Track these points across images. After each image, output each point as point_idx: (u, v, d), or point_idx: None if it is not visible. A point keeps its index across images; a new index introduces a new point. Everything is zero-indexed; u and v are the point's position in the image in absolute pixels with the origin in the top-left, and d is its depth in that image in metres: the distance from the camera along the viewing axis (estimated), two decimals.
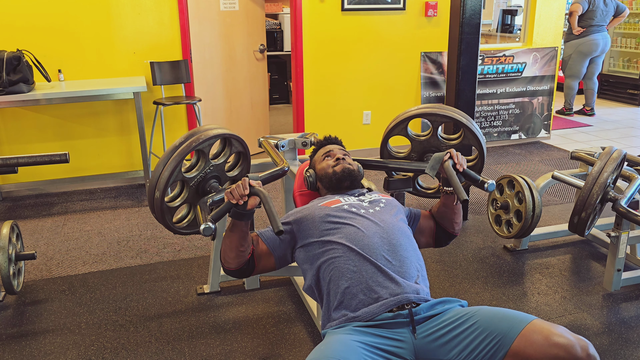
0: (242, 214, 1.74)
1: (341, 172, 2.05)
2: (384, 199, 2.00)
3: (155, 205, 2.10)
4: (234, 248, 1.79)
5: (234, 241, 1.78)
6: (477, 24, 3.44)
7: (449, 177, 1.93)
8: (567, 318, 2.63)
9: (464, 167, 1.97)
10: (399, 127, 2.49)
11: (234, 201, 1.72)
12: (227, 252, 1.81)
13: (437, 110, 2.45)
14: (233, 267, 1.83)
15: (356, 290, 1.69)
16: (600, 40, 6.44)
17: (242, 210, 1.74)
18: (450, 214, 2.04)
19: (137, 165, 4.53)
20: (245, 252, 1.82)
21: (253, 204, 1.75)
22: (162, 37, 4.36)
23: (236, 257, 1.81)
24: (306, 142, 2.72)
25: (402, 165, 2.47)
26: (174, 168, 2.05)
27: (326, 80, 4.91)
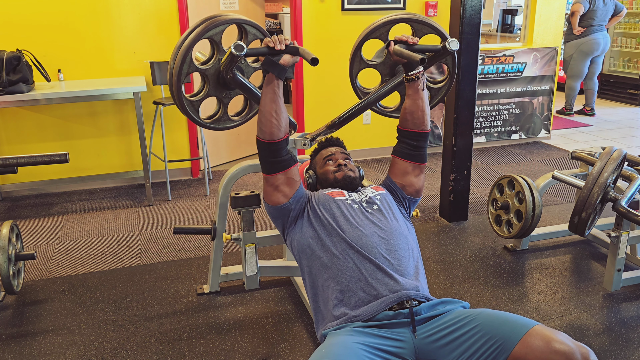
0: (275, 64, 1.76)
1: (342, 179, 2.05)
2: (379, 194, 1.99)
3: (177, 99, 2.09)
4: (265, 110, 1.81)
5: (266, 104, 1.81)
6: (477, 24, 3.44)
7: (399, 54, 1.90)
8: (567, 318, 2.62)
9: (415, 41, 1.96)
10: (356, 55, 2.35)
11: (271, 44, 1.76)
12: (260, 116, 1.84)
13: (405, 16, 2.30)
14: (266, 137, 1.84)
15: (356, 287, 1.69)
16: (601, 39, 6.46)
17: (276, 60, 1.76)
18: (418, 104, 1.98)
19: (137, 165, 4.53)
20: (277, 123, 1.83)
21: (287, 60, 1.78)
22: (162, 37, 4.36)
23: (266, 122, 1.82)
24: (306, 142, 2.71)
25: (380, 92, 2.34)
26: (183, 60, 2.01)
27: (326, 80, 4.90)
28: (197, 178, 4.76)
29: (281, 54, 1.78)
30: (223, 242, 2.70)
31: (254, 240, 2.46)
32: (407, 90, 1.99)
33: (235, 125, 2.35)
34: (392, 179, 2.07)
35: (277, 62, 1.76)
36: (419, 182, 2.05)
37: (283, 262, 2.95)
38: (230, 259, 3.22)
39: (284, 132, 1.85)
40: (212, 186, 4.49)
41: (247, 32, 2.16)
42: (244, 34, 2.17)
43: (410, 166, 2.04)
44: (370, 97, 2.36)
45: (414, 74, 1.95)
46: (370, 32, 2.31)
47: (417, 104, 1.98)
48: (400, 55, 1.89)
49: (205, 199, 4.23)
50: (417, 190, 2.06)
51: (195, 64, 2.08)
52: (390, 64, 2.35)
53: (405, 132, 2.03)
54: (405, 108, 2.01)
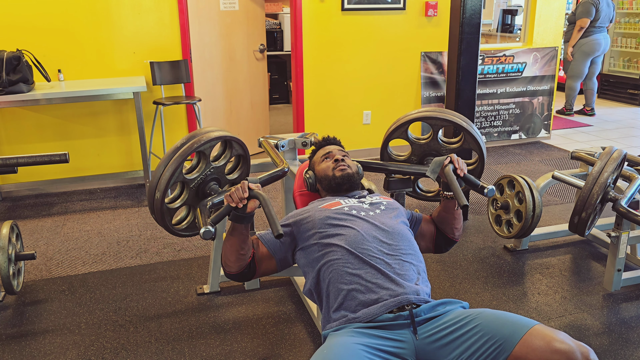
0: (242, 217, 1.74)
1: (340, 177, 2.05)
2: (385, 201, 1.99)
3: (155, 206, 2.10)
4: (234, 252, 1.79)
5: (234, 245, 1.78)
6: (477, 23, 3.44)
7: (449, 181, 1.93)
8: (567, 318, 2.62)
9: (465, 172, 1.97)
10: (399, 130, 2.48)
11: (233, 204, 1.72)
12: (228, 255, 1.81)
13: (437, 114, 2.45)
14: (234, 270, 1.82)
15: (356, 292, 1.69)
16: (602, 40, 6.50)
17: (241, 214, 1.73)
18: (450, 219, 2.04)
19: (137, 165, 4.53)
20: (246, 256, 1.82)
21: (252, 207, 1.75)
22: (162, 37, 4.36)
23: (237, 260, 1.80)
24: (306, 142, 2.72)
25: (403, 168, 2.46)
26: (175, 169, 2.05)
27: (326, 80, 4.90)
28: None
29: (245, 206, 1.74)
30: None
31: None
32: (443, 202, 2.04)
33: None
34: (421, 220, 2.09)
35: (242, 214, 1.74)
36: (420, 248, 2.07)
37: None
38: None
39: (250, 256, 1.84)
40: None
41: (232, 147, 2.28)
42: (228, 147, 2.28)
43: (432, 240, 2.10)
44: (391, 165, 2.49)
45: (450, 195, 1.99)
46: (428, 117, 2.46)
47: (449, 218, 2.05)
48: (451, 183, 1.92)
49: None
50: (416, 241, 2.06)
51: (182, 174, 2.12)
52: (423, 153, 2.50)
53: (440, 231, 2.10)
54: (439, 214, 2.07)
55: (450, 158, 1.98)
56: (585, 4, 6.34)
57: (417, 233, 2.06)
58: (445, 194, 2.00)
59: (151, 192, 2.10)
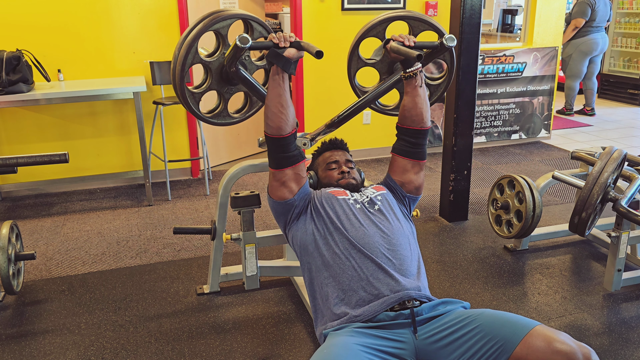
0: (280, 56, 1.78)
1: (345, 187, 2.06)
2: (379, 194, 1.99)
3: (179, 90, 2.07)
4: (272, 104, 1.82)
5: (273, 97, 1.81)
6: (477, 23, 3.44)
7: (397, 50, 1.91)
8: (567, 318, 2.62)
9: (414, 40, 1.96)
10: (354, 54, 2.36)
11: (276, 40, 1.78)
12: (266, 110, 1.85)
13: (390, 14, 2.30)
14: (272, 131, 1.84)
15: (357, 286, 1.69)
16: (599, 39, 6.52)
17: (280, 52, 1.78)
18: (416, 102, 1.98)
19: (137, 165, 4.52)
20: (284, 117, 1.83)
21: (291, 54, 1.80)
22: (162, 37, 4.35)
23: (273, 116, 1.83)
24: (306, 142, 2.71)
25: (380, 89, 2.33)
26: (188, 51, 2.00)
27: (326, 80, 4.90)
28: (197, 178, 4.76)
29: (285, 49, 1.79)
30: (223, 242, 2.70)
31: (254, 240, 2.46)
32: (406, 88, 2.00)
33: (235, 122, 2.35)
34: (392, 177, 2.07)
35: (281, 54, 1.77)
36: (419, 180, 2.05)
37: (283, 262, 2.95)
38: (230, 259, 3.22)
39: (291, 126, 1.85)
40: (212, 186, 4.49)
41: (253, 29, 2.17)
42: (249, 31, 2.18)
43: (410, 163, 2.04)
44: (368, 95, 2.35)
45: (411, 70, 1.95)
46: (367, 30, 2.32)
47: (415, 101, 1.99)
48: (398, 52, 1.90)
49: (205, 199, 4.22)
50: (416, 188, 2.06)
51: (199, 55, 2.09)
52: (388, 62, 2.35)
53: (404, 130, 2.03)
54: (404, 105, 2.01)
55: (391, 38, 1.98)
56: (581, 4, 6.37)
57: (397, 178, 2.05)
58: (406, 73, 1.97)
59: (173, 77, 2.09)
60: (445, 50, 2.01)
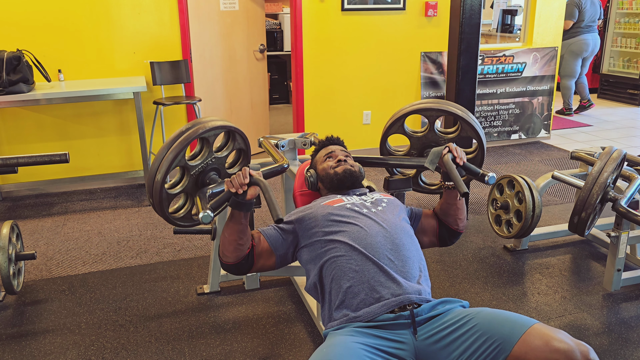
0: (242, 204, 1.73)
1: (342, 172, 2.05)
2: (386, 198, 2.00)
3: (154, 189, 2.07)
4: (232, 241, 1.78)
5: (232, 233, 1.77)
6: (477, 24, 3.44)
7: (448, 170, 1.92)
8: (567, 318, 2.63)
9: (464, 160, 1.97)
10: (397, 125, 2.48)
11: (233, 190, 1.71)
12: (226, 244, 1.80)
13: (433, 105, 2.44)
14: (231, 261, 1.81)
15: (358, 289, 1.69)
16: (590, 40, 6.60)
17: (241, 200, 1.72)
18: (453, 210, 2.03)
19: (137, 165, 4.53)
20: (244, 247, 1.80)
21: (253, 194, 1.74)
22: (162, 37, 4.36)
23: (234, 250, 1.79)
24: (306, 142, 2.71)
25: (402, 162, 2.44)
26: (179, 152, 2.02)
27: (326, 80, 4.90)
28: None
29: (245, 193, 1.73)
30: None
31: None
32: (445, 194, 2.02)
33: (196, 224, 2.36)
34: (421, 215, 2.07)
35: (242, 201, 1.73)
36: (424, 243, 2.07)
37: None
38: None
39: (248, 247, 1.82)
40: None
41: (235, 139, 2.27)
42: (231, 139, 2.27)
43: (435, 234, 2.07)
44: (390, 159, 2.47)
45: (451, 184, 1.97)
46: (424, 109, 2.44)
47: (451, 209, 2.03)
48: (450, 172, 1.91)
49: None
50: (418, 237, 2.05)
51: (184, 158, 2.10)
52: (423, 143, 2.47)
53: (442, 223, 2.07)
54: (441, 207, 2.06)
55: (448, 147, 1.97)
56: (568, 5, 6.39)
57: (417, 228, 2.05)
58: (446, 184, 1.99)
59: (151, 175, 2.06)
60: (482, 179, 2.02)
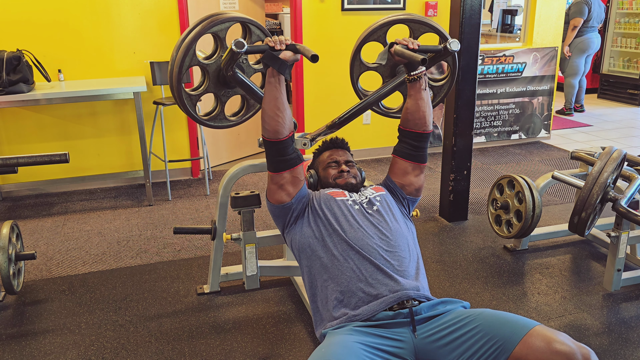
0: (276, 59, 1.78)
1: (344, 185, 2.06)
2: (379, 195, 2.00)
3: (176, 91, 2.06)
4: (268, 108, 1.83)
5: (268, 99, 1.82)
6: (477, 24, 3.44)
7: (401, 54, 1.90)
8: (567, 318, 2.63)
9: (417, 44, 1.97)
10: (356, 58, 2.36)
11: (271, 44, 1.78)
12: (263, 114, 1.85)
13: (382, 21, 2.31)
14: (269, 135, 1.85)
15: (356, 288, 1.69)
16: (594, 39, 6.77)
17: (277, 54, 1.78)
18: (419, 105, 1.98)
19: (137, 165, 4.53)
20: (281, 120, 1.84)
21: (288, 56, 1.80)
22: (162, 37, 4.36)
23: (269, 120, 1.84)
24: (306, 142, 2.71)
25: (382, 91, 2.33)
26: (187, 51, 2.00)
27: (326, 80, 4.90)
28: (197, 178, 4.76)
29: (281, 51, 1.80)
30: (223, 242, 2.70)
31: (254, 240, 2.47)
32: (409, 91, 2.00)
33: (232, 124, 2.35)
34: (392, 179, 2.07)
35: (277, 56, 1.77)
36: (419, 182, 2.06)
37: (283, 262, 2.95)
38: (230, 259, 3.22)
39: (288, 129, 1.85)
40: (212, 186, 4.49)
41: (251, 32, 2.16)
42: (247, 34, 2.17)
43: (410, 166, 2.04)
44: (370, 97, 2.35)
45: (415, 74, 1.95)
46: (368, 34, 2.32)
47: (418, 105, 1.98)
48: (402, 55, 1.90)
49: (205, 199, 4.23)
50: (416, 190, 2.06)
51: (197, 57, 2.08)
52: (391, 66, 2.35)
53: (406, 132, 2.03)
54: (407, 108, 2.01)
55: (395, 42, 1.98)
56: (579, 3, 6.54)
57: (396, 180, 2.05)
58: (411, 76, 1.96)
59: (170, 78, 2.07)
60: (449, 54, 2.01)
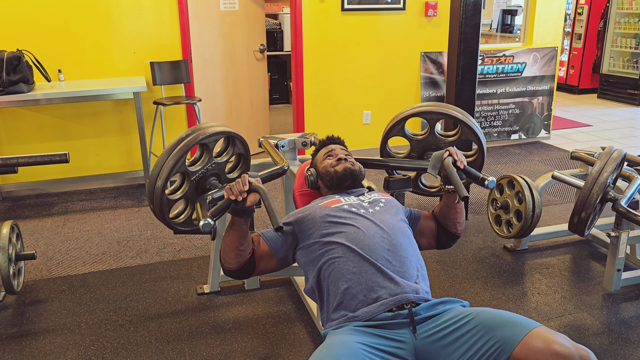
0: (242, 211, 1.74)
1: (342, 171, 2.05)
2: (384, 198, 2.00)
3: (155, 195, 2.07)
4: (234, 247, 1.79)
5: (234, 240, 1.78)
6: (477, 24, 3.44)
7: (449, 174, 1.93)
8: (567, 318, 2.63)
9: (464, 164, 1.97)
10: (397, 127, 2.49)
11: (232, 197, 1.72)
12: (227, 251, 1.81)
13: (433, 108, 2.45)
14: (233, 267, 1.82)
15: (356, 291, 1.69)
16: None
17: (241, 207, 1.73)
18: (452, 214, 2.03)
19: (137, 165, 4.53)
20: (245, 252, 1.81)
21: (252, 201, 1.74)
22: (162, 37, 4.36)
23: (236, 256, 1.80)
24: (306, 142, 2.72)
25: (403, 164, 2.46)
26: (179, 158, 2.03)
27: (326, 80, 4.91)
28: None
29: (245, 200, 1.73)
30: None
31: None
32: (444, 198, 2.03)
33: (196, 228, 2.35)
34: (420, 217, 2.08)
35: (242, 207, 1.73)
36: (422, 245, 2.07)
37: None
38: None
39: (249, 252, 1.83)
40: None
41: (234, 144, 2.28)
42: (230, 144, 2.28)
43: (433, 236, 2.08)
44: (391, 161, 2.47)
45: (451, 188, 1.98)
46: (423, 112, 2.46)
47: (450, 212, 2.03)
48: (450, 175, 1.91)
49: None
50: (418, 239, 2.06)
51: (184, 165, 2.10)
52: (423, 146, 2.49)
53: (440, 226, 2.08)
54: (441, 210, 2.06)
55: (448, 151, 1.98)
56: None
57: (416, 230, 2.06)
58: (447, 188, 2.00)
59: (152, 181, 2.07)
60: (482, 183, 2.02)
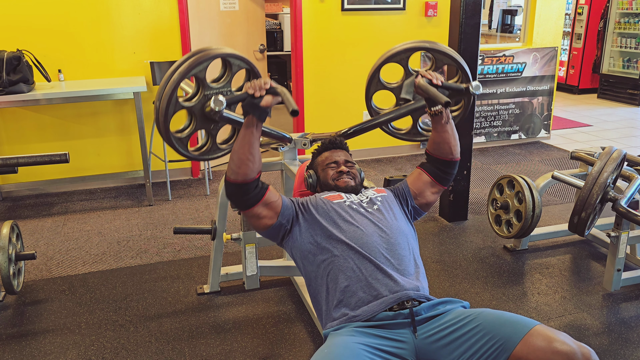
0: (256, 106, 1.71)
1: (343, 187, 2.03)
2: (380, 195, 1.99)
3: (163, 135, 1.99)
4: (242, 153, 1.73)
5: (244, 145, 1.73)
6: (477, 24, 3.44)
7: (423, 89, 1.87)
8: (567, 318, 2.63)
9: (441, 80, 1.94)
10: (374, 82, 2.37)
11: (251, 91, 1.69)
12: (234, 158, 1.75)
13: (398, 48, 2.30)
14: (238, 178, 1.75)
15: (355, 288, 1.69)
16: None
17: (257, 102, 1.70)
18: (445, 137, 1.97)
19: (137, 165, 4.53)
20: (253, 166, 1.75)
21: (269, 102, 1.72)
22: (162, 37, 4.36)
23: (240, 164, 1.74)
24: (306, 142, 2.72)
25: (393, 114, 2.32)
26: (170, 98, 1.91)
27: (326, 80, 4.90)
28: (197, 178, 4.76)
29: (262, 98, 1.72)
30: (223, 242, 2.70)
31: (254, 240, 2.47)
32: (432, 124, 1.99)
33: (224, 153, 2.30)
34: (408, 185, 2.04)
35: (258, 104, 1.70)
36: (432, 199, 2.03)
37: (283, 262, 2.95)
38: (230, 259, 3.23)
39: (257, 171, 1.79)
40: (212, 186, 4.49)
41: (231, 65, 2.13)
42: (227, 67, 2.15)
43: (432, 182, 2.03)
44: (382, 116, 2.36)
45: (436, 109, 1.93)
46: (391, 56, 2.32)
47: (442, 137, 1.98)
48: (426, 91, 1.87)
49: (205, 199, 4.23)
50: (426, 204, 2.03)
51: (180, 101, 2.02)
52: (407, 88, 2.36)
53: (433, 158, 2.03)
54: (433, 139, 2.01)
55: (418, 73, 1.94)
56: None
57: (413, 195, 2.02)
58: (432, 110, 1.93)
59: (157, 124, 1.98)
60: (470, 96, 1.97)
